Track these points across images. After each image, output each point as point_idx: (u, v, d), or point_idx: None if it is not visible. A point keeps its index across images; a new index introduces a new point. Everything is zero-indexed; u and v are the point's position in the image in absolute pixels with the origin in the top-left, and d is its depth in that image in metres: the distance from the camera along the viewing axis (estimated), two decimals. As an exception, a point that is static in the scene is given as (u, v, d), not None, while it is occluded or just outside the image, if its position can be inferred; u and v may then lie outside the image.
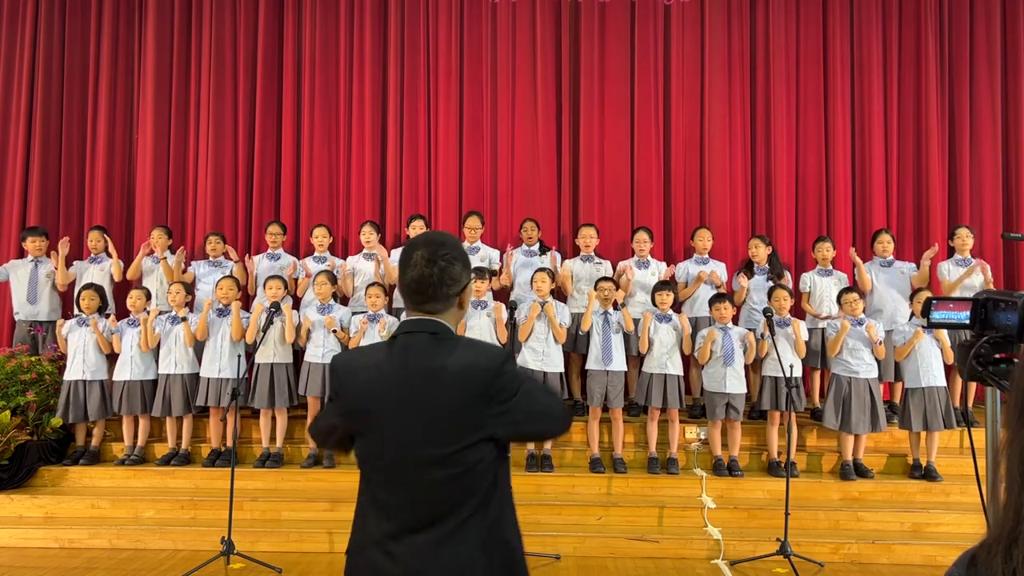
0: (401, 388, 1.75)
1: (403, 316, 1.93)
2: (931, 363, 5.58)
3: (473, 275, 2.05)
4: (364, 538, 1.80)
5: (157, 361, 5.99)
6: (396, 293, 6.53)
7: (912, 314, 5.92)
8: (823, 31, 7.38)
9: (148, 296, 6.17)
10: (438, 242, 1.83)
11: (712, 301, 5.90)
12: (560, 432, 1.94)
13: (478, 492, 1.76)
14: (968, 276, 6.11)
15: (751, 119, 7.36)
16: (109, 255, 6.66)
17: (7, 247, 7.31)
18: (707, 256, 6.58)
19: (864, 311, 5.84)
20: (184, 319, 5.90)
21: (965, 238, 6.33)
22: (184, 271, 6.64)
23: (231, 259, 6.64)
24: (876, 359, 5.72)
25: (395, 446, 1.75)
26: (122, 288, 6.70)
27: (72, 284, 6.59)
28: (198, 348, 5.97)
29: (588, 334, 5.88)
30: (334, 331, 5.88)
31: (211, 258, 6.68)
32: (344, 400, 1.85)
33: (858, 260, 6.29)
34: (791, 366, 5.27)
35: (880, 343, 5.64)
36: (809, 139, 7.31)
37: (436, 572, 1.72)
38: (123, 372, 5.92)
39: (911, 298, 6.03)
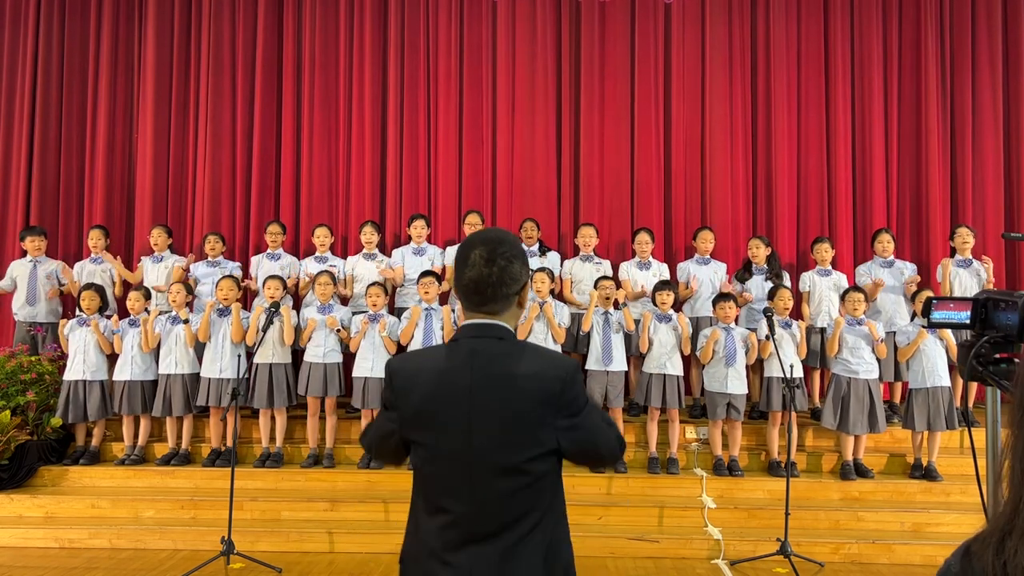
0: (469, 393, 1.70)
1: (457, 314, 1.90)
2: (936, 363, 5.57)
3: (532, 273, 2.02)
4: (419, 547, 1.75)
5: (157, 361, 5.99)
6: (396, 293, 6.54)
7: (914, 314, 5.92)
8: (824, 29, 7.37)
9: (148, 296, 6.17)
10: (496, 240, 1.77)
11: (716, 300, 5.90)
12: (617, 458, 1.85)
13: (540, 505, 1.71)
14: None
15: (752, 118, 7.35)
16: (110, 254, 6.67)
17: (11, 247, 7.33)
18: (708, 257, 6.58)
19: (864, 311, 5.83)
20: (186, 321, 5.89)
21: (966, 237, 6.32)
22: (185, 272, 6.65)
23: (251, 287, 6.51)
24: (877, 359, 5.73)
25: (461, 452, 1.69)
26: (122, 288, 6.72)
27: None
28: (198, 348, 5.96)
29: (588, 334, 5.88)
30: (336, 331, 5.88)
31: (210, 258, 6.68)
32: (404, 405, 1.76)
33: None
34: (791, 366, 5.26)
35: (881, 340, 5.64)
36: (810, 138, 7.31)
37: None
38: (123, 372, 5.92)
39: (913, 298, 6.02)
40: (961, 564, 1.06)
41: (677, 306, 6.23)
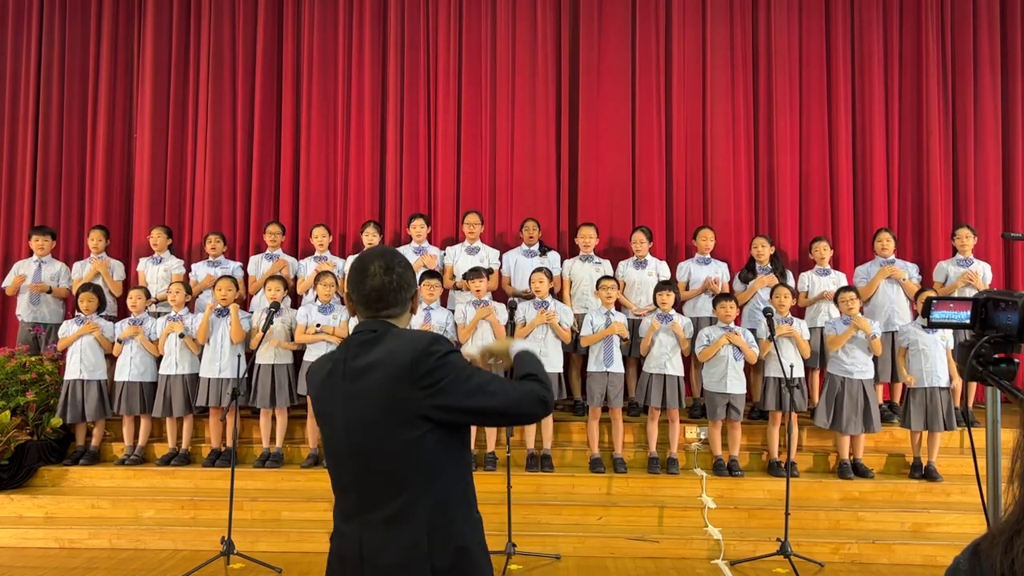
0: (342, 382, 1.90)
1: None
2: (935, 364, 5.56)
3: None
4: (334, 524, 1.98)
5: (158, 361, 5.99)
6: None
7: (916, 314, 5.91)
8: (826, 28, 7.38)
9: (147, 295, 6.17)
10: (391, 253, 2.01)
11: (716, 301, 5.90)
12: (527, 410, 1.87)
13: (422, 474, 1.83)
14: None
15: (754, 117, 7.35)
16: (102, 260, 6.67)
17: (17, 247, 7.34)
18: (709, 256, 6.58)
19: (862, 311, 5.82)
20: (183, 334, 5.88)
21: (965, 238, 6.32)
22: (185, 272, 6.66)
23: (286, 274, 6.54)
24: (874, 358, 5.72)
25: (341, 435, 1.90)
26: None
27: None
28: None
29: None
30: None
31: (210, 258, 6.68)
32: (312, 402, 2.05)
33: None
34: (792, 366, 5.26)
35: (875, 336, 5.63)
36: (812, 137, 7.31)
37: (383, 550, 1.83)
38: (122, 373, 5.92)
39: (915, 297, 6.02)
40: (970, 563, 1.07)
41: (678, 306, 6.23)
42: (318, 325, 5.84)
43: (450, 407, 1.82)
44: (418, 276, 6.09)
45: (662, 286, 5.95)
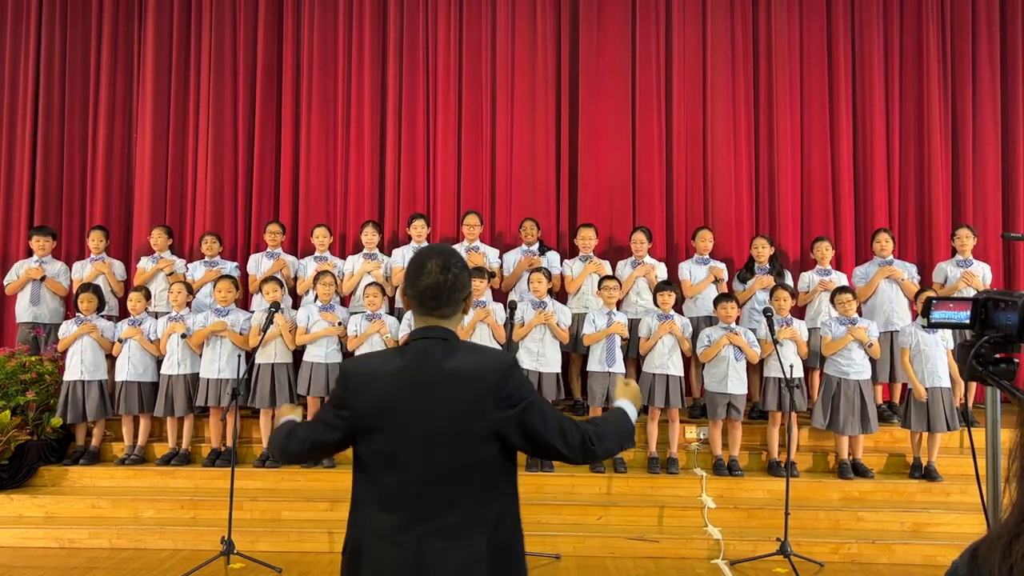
0: (418, 389, 1.87)
1: (407, 320, 2.02)
2: (936, 364, 5.56)
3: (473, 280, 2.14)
4: (368, 535, 1.88)
5: (157, 361, 5.99)
6: (398, 295, 6.54)
7: (915, 314, 5.91)
8: (827, 26, 7.37)
9: (148, 296, 6.17)
10: (449, 252, 1.99)
11: (717, 301, 5.89)
12: (578, 455, 1.95)
13: (483, 491, 1.87)
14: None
15: (754, 116, 7.34)
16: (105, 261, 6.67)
17: (16, 247, 7.34)
18: (708, 256, 6.58)
19: (860, 311, 5.82)
20: (184, 334, 5.88)
21: (964, 239, 6.31)
22: (184, 273, 6.65)
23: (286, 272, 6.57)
24: (871, 359, 5.72)
25: (411, 443, 1.85)
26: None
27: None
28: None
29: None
30: (338, 324, 5.88)
31: (207, 258, 6.68)
32: (358, 403, 1.91)
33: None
34: (791, 366, 5.26)
35: (871, 345, 5.63)
36: (813, 137, 7.30)
37: (442, 561, 1.82)
38: (121, 373, 5.92)
39: (915, 297, 6.01)
40: (968, 567, 1.06)
41: (678, 306, 6.23)
42: (340, 323, 5.89)
43: (523, 428, 1.87)
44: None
45: (662, 286, 5.95)
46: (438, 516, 1.83)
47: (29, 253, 6.76)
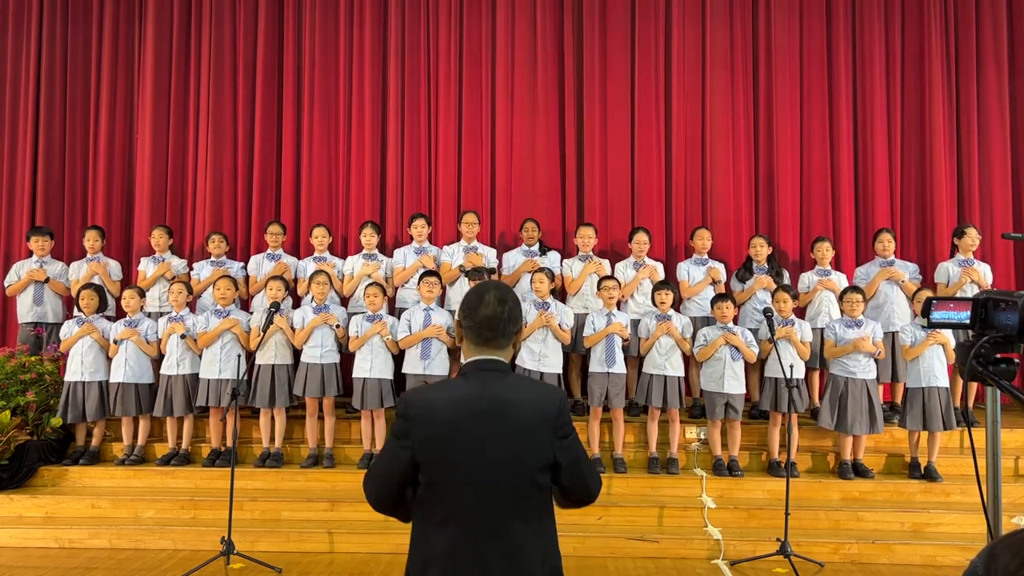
0: (484, 417, 1.94)
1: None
2: (933, 364, 5.56)
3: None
4: (431, 554, 1.94)
5: (154, 361, 5.99)
6: (398, 295, 6.52)
7: (915, 314, 5.90)
8: (827, 27, 7.36)
9: (141, 294, 6.17)
10: (505, 287, 2.11)
11: (714, 301, 5.89)
12: (596, 493, 2.12)
13: (539, 512, 2.00)
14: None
15: (754, 116, 7.34)
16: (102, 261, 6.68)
17: (18, 247, 7.34)
18: (706, 256, 6.58)
19: (864, 311, 5.82)
20: (184, 335, 5.88)
21: (973, 238, 6.28)
22: (186, 273, 6.66)
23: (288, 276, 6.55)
24: (875, 359, 5.72)
25: (477, 467, 1.93)
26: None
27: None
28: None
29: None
30: (335, 326, 5.87)
31: (213, 257, 6.68)
32: (420, 429, 1.96)
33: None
34: (791, 366, 5.26)
35: (879, 352, 5.63)
36: (813, 137, 7.30)
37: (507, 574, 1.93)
38: (117, 374, 5.90)
39: (912, 297, 6.01)
40: (986, 566, 1.07)
41: (676, 306, 6.22)
42: (338, 324, 5.89)
43: (568, 457, 1.98)
44: (418, 275, 6.10)
45: (660, 286, 5.95)
46: (500, 537, 1.93)
47: (30, 253, 6.76)
